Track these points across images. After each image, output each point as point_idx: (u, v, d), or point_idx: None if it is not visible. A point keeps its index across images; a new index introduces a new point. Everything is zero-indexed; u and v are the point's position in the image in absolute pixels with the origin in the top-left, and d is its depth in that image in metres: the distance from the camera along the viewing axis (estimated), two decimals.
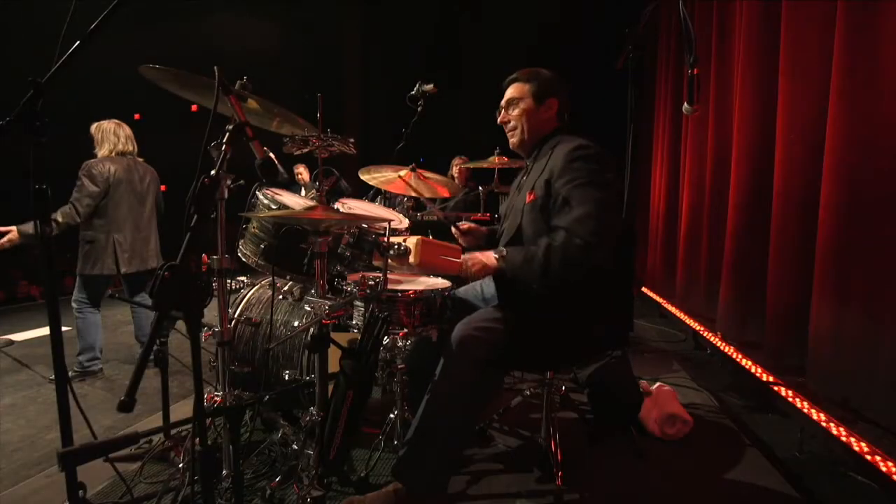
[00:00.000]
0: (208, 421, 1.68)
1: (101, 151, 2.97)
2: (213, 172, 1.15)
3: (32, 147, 1.08)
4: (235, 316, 2.00)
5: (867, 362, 1.99)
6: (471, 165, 3.44)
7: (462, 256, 1.60)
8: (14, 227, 2.64)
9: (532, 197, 1.60)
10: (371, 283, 1.59)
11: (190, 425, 1.51)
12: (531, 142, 1.73)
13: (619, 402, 2.18)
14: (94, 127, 3.01)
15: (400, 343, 1.80)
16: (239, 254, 1.87)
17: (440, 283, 1.92)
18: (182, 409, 2.34)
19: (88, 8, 1.16)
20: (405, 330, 1.72)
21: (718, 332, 3.22)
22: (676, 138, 4.60)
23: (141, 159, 3.12)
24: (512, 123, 1.73)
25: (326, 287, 1.52)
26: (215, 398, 1.52)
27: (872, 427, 1.92)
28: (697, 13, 3.91)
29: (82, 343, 2.96)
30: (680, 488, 1.81)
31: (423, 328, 1.75)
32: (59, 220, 2.71)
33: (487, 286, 1.89)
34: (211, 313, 1.28)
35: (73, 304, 2.97)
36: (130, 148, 3.05)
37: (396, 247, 1.58)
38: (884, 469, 1.68)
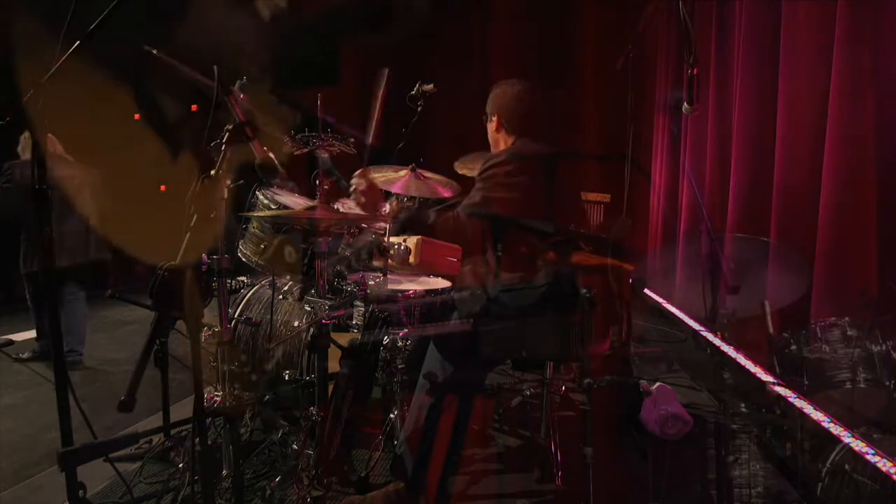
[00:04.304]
0: (208, 421, 1.68)
1: (26, 155, 3.06)
2: (212, 172, 1.15)
3: (32, 147, 1.08)
4: (235, 316, 2.00)
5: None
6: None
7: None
8: None
9: None
10: (371, 283, 1.60)
11: (190, 425, 1.51)
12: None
13: (619, 401, 2.19)
14: (23, 136, 3.09)
15: (400, 343, 1.81)
16: (239, 254, 1.87)
17: (441, 283, 1.92)
18: (182, 409, 2.34)
19: (88, 8, 1.16)
20: (405, 330, 1.72)
21: (718, 332, 3.21)
22: (676, 138, 4.60)
23: (71, 158, 3.16)
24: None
25: (326, 287, 1.53)
26: (215, 398, 1.52)
27: (873, 427, 1.92)
28: (697, 13, 3.90)
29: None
30: (680, 488, 1.81)
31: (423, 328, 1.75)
32: None
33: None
34: (211, 313, 1.28)
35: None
36: (52, 149, 3.03)
37: (397, 247, 1.58)
38: (884, 469, 1.68)
